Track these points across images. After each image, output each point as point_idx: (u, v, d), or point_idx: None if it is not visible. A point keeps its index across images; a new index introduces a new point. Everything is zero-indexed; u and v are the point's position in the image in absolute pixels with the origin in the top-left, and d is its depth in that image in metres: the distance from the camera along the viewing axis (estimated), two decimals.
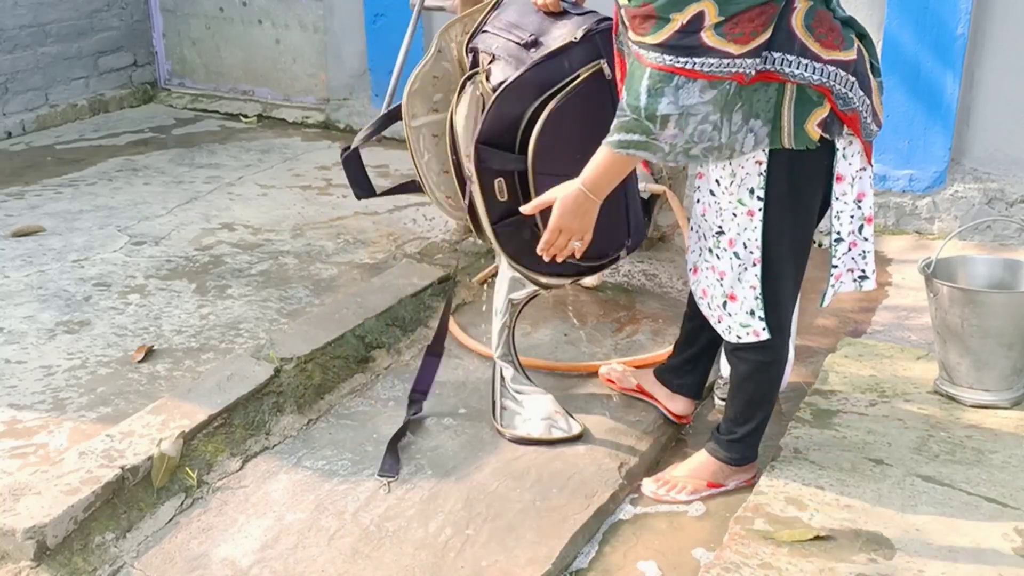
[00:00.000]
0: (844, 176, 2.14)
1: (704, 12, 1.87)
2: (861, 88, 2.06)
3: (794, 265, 2.23)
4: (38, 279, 3.47)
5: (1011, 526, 2.13)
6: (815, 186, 2.16)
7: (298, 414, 2.69)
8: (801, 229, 2.20)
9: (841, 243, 2.21)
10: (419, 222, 4.09)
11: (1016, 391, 2.61)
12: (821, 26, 2.00)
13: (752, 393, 2.35)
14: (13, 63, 5.34)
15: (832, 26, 2.02)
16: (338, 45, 5.37)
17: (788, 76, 1.98)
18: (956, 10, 3.76)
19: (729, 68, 1.91)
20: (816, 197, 2.18)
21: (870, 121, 2.11)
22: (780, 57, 1.97)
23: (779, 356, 2.33)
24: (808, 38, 1.98)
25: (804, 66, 1.98)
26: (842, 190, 2.16)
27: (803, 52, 1.98)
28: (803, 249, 2.24)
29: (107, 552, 2.18)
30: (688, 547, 2.27)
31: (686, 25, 1.88)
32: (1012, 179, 3.91)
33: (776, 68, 1.98)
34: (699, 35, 1.88)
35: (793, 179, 2.11)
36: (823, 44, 2.00)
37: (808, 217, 2.20)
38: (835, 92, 2.02)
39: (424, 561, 2.16)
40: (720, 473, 2.43)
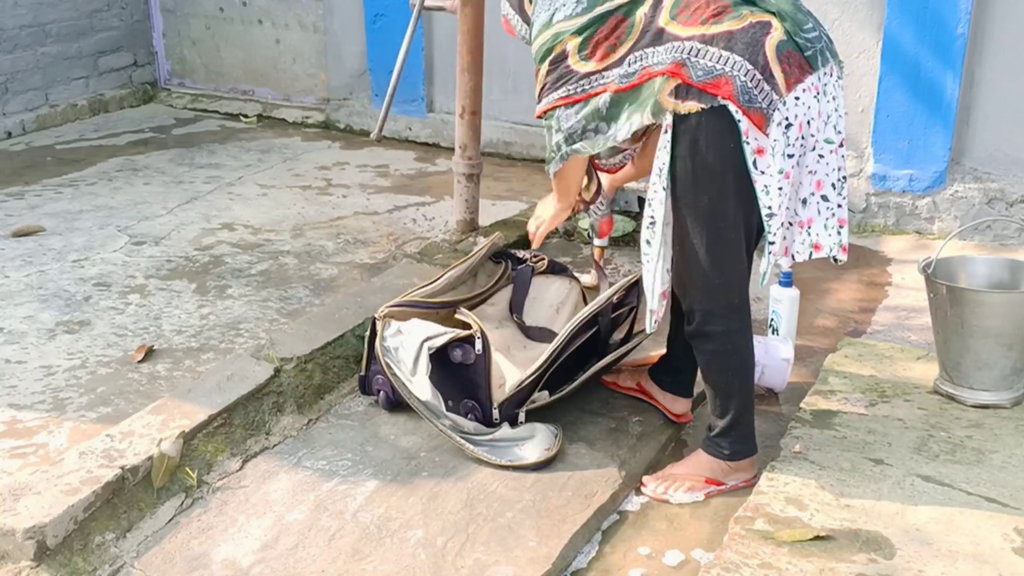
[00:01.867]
0: (765, 149, 2.13)
1: (566, 46, 2.25)
2: (742, 55, 2.09)
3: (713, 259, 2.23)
4: (38, 279, 3.47)
5: (1011, 526, 2.13)
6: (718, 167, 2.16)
7: (298, 414, 2.69)
8: (719, 216, 2.20)
9: (773, 218, 2.19)
10: (419, 222, 4.09)
11: (1016, 391, 2.61)
12: (687, 9, 2.16)
13: (717, 383, 2.38)
14: (13, 63, 5.34)
15: (707, 5, 2.15)
16: (338, 45, 5.37)
17: (654, 66, 2.16)
18: (956, 10, 3.76)
19: (597, 82, 2.23)
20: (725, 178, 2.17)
21: (752, 86, 2.09)
22: (649, 51, 2.17)
23: (734, 344, 2.33)
24: (671, 24, 2.16)
25: (664, 51, 2.14)
26: (765, 163, 2.15)
27: (664, 39, 2.16)
28: (720, 240, 2.22)
29: (107, 552, 2.18)
30: (688, 547, 2.27)
31: (553, 60, 2.26)
32: (1012, 179, 3.91)
33: (647, 63, 2.17)
34: (567, 64, 2.25)
35: (694, 165, 2.16)
36: (685, 24, 2.15)
37: (721, 202, 2.19)
38: (688, 64, 2.11)
39: (424, 561, 2.16)
40: (718, 470, 2.43)
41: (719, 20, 2.13)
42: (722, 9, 2.14)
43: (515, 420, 2.58)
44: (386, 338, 2.61)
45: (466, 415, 2.57)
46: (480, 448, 2.49)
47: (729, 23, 2.12)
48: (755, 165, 2.15)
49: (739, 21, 2.12)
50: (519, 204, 4.27)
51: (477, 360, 2.54)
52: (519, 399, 2.57)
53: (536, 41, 2.31)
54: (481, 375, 2.54)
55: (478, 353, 2.53)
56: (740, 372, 2.37)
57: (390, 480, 2.44)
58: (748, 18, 2.13)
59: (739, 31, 2.11)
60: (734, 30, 2.12)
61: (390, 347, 2.60)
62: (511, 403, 2.56)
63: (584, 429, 2.66)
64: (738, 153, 2.15)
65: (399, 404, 2.66)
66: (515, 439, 2.53)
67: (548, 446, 2.51)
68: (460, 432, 2.53)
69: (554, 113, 2.29)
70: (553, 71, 2.26)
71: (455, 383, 2.59)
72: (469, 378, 2.56)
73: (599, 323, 2.72)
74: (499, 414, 2.55)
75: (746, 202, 2.21)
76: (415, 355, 2.55)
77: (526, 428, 2.56)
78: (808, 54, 2.16)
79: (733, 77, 2.09)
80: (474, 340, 2.54)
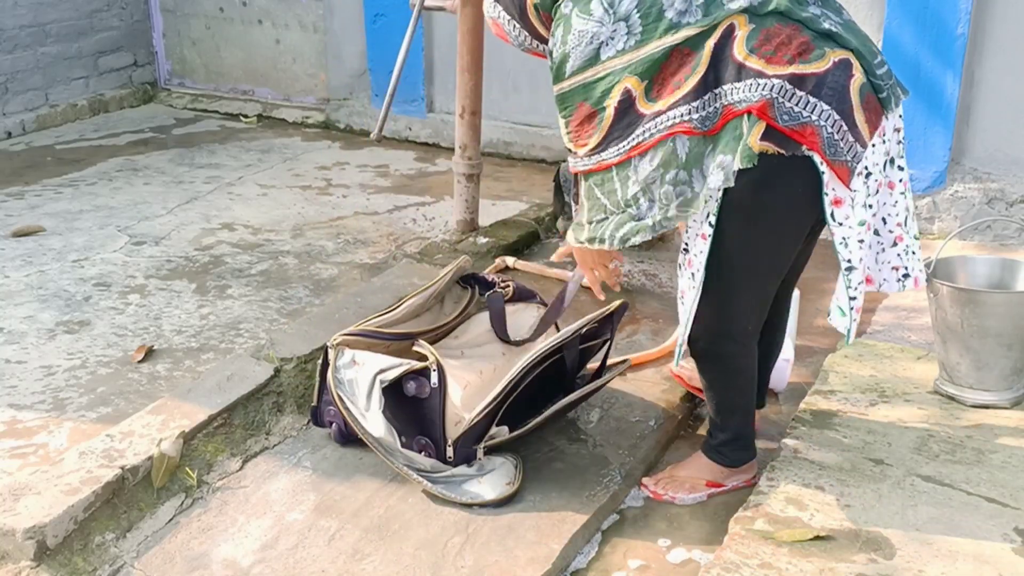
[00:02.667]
0: (843, 200, 2.04)
1: (628, 86, 2.03)
2: (829, 102, 1.97)
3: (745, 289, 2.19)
4: (38, 279, 3.47)
5: (1011, 526, 2.13)
6: (782, 211, 2.08)
7: (298, 414, 2.69)
8: (763, 254, 2.14)
9: (853, 271, 2.09)
10: (419, 222, 4.09)
11: (1016, 391, 2.61)
12: (768, 43, 1.98)
13: (720, 400, 2.36)
14: (13, 63, 5.34)
15: (787, 40, 1.99)
16: (338, 45, 5.37)
17: (736, 104, 1.98)
18: (956, 10, 3.77)
19: (664, 124, 2.02)
20: (784, 224, 2.11)
21: (839, 138, 1.98)
22: (728, 89, 1.99)
23: (738, 365, 2.31)
24: (749, 58, 1.98)
25: (748, 87, 1.97)
26: (844, 214, 2.05)
27: (745, 75, 1.97)
28: (762, 275, 2.19)
29: (107, 552, 2.18)
30: (688, 547, 2.27)
31: (619, 106, 2.04)
32: (1012, 179, 3.91)
33: (728, 100, 1.99)
34: (635, 107, 2.03)
35: (755, 204, 2.04)
36: (768, 60, 1.97)
37: (772, 244, 2.13)
38: (775, 105, 1.96)
39: (424, 561, 2.16)
40: (720, 473, 2.43)
41: (805, 59, 1.97)
42: (805, 47, 1.99)
43: (473, 458, 2.40)
44: (339, 368, 2.45)
45: (420, 452, 2.41)
46: (437, 486, 2.35)
47: (815, 63, 1.98)
48: (833, 217, 2.05)
49: (824, 62, 1.98)
50: (519, 204, 4.27)
51: (432, 394, 2.36)
52: (475, 435, 2.39)
53: (573, 79, 2.08)
54: (435, 411, 2.37)
55: (433, 387, 2.35)
56: (744, 390, 2.36)
57: (390, 480, 2.44)
58: (831, 57, 1.99)
59: (824, 73, 1.97)
60: (819, 72, 1.97)
61: (343, 379, 2.44)
62: (467, 439, 2.38)
63: (584, 429, 2.66)
64: (807, 200, 2.05)
65: (352, 438, 2.50)
66: (473, 475, 2.39)
67: (509, 480, 2.38)
68: (416, 469, 2.39)
69: (629, 163, 2.07)
70: (621, 118, 2.05)
71: (409, 418, 2.41)
72: (423, 414, 2.39)
73: (564, 354, 2.52)
74: (454, 452, 2.38)
75: (796, 246, 2.17)
76: (368, 388, 2.39)
77: (485, 461, 2.42)
78: (883, 96, 2.05)
79: (820, 127, 1.96)
80: (429, 373, 2.35)
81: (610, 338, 2.72)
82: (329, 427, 2.58)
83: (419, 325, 2.72)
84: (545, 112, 4.89)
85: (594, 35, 2.03)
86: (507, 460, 2.44)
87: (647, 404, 2.76)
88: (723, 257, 2.11)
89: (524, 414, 2.45)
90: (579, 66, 2.06)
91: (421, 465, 2.40)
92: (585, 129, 2.09)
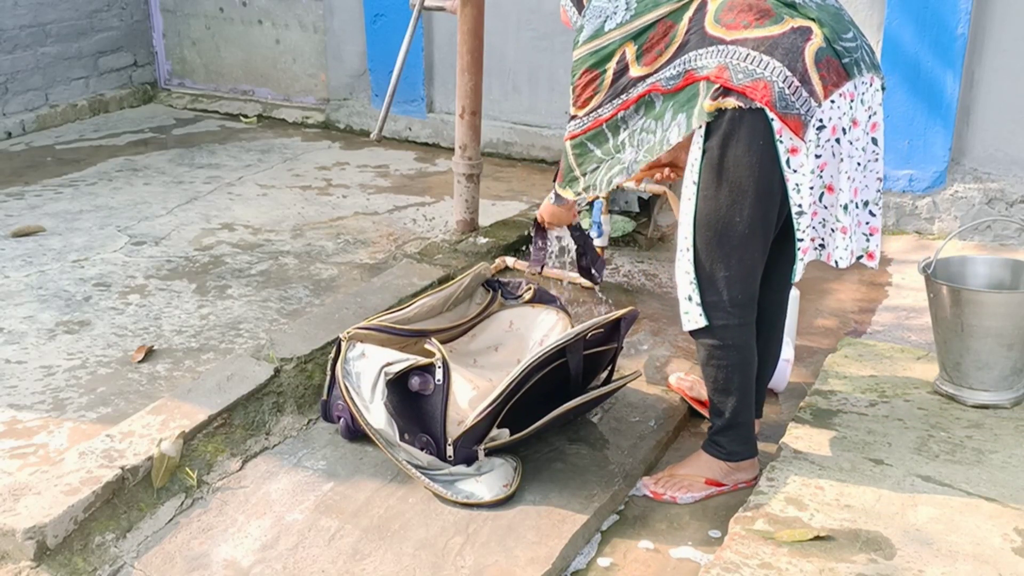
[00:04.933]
0: (799, 149, 2.17)
1: (625, 51, 2.30)
2: (782, 61, 2.13)
3: (727, 253, 2.25)
4: (38, 279, 3.47)
5: (1011, 526, 2.13)
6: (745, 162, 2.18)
7: (298, 414, 2.69)
8: (736, 209, 2.21)
9: (803, 215, 2.22)
10: (419, 222, 4.09)
11: (1016, 391, 2.61)
12: (731, 12, 2.20)
13: (715, 379, 2.37)
14: (13, 63, 5.35)
15: (749, 8, 2.18)
16: (338, 45, 5.37)
17: (698, 70, 2.20)
18: (956, 10, 3.77)
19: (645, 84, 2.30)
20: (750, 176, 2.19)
21: (789, 92, 2.13)
22: (692, 55, 2.22)
23: (734, 340, 2.32)
24: (715, 27, 2.20)
25: (709, 54, 2.19)
26: (799, 162, 2.18)
27: (708, 42, 2.20)
28: (743, 231, 2.23)
29: (107, 552, 2.18)
30: (688, 547, 2.27)
31: (616, 69, 2.32)
32: (1012, 179, 3.92)
33: (691, 66, 2.22)
34: (627, 72, 2.31)
35: (722, 158, 2.19)
36: (729, 28, 2.18)
37: (741, 197, 2.21)
38: (730, 68, 2.15)
39: (424, 561, 2.16)
40: (718, 471, 2.43)
41: (761, 24, 2.16)
42: (764, 13, 2.17)
43: (473, 459, 2.41)
44: (349, 360, 2.49)
45: (421, 449, 2.42)
46: (436, 483, 2.36)
47: (771, 27, 2.16)
48: (788, 164, 2.19)
49: (781, 26, 2.16)
50: (519, 204, 4.27)
51: (435, 391, 2.37)
52: (476, 436, 2.39)
53: (584, 47, 2.35)
54: (438, 407, 2.38)
55: (437, 383, 2.37)
56: (739, 369, 2.36)
57: (390, 480, 2.44)
58: (789, 23, 2.16)
59: (780, 36, 2.15)
60: (775, 34, 2.15)
61: (351, 371, 2.48)
62: (467, 439, 2.38)
63: (584, 429, 2.66)
64: (767, 151, 2.17)
65: (360, 434, 2.52)
66: (471, 474, 2.39)
67: (506, 482, 2.38)
68: (415, 465, 2.40)
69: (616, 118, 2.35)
70: (616, 80, 2.32)
71: (411, 414, 2.43)
72: (425, 410, 2.40)
73: (567, 358, 2.51)
74: (453, 452, 2.39)
75: (766, 202, 2.22)
76: (373, 380, 2.43)
77: (484, 462, 2.42)
78: (845, 61, 2.18)
79: (772, 82, 2.13)
80: (434, 369, 2.37)
81: (618, 346, 2.71)
82: (337, 422, 2.59)
83: (436, 323, 2.74)
84: (545, 112, 4.89)
85: (602, 10, 2.33)
86: (506, 461, 2.44)
87: (647, 404, 2.76)
88: (703, 221, 2.26)
89: (527, 419, 2.43)
90: (589, 35, 2.34)
91: (420, 461, 2.41)
92: (587, 91, 2.36)
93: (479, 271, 2.87)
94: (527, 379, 2.40)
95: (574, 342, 2.50)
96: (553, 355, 2.45)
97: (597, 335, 2.60)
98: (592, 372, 2.67)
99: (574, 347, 2.51)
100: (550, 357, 2.44)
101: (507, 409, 2.41)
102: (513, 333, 2.81)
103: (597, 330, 2.58)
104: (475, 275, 2.85)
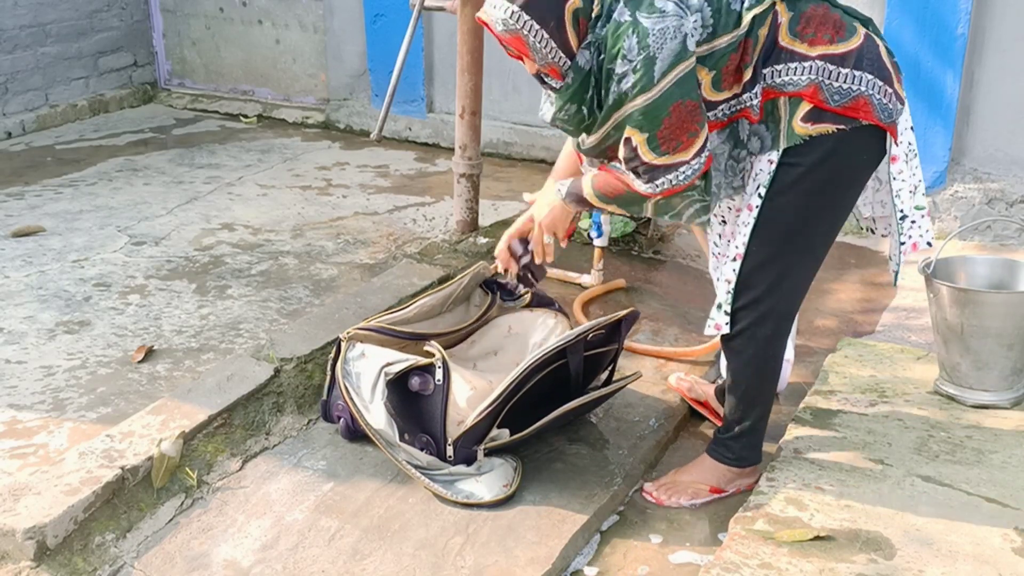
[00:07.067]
0: (898, 156, 2.18)
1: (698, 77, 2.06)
2: (871, 72, 2.08)
3: (797, 267, 2.22)
4: (38, 279, 3.47)
5: (1011, 526, 2.13)
6: (846, 183, 2.17)
7: (298, 414, 2.69)
8: (818, 224, 2.19)
9: (905, 220, 2.24)
10: (419, 222, 4.09)
11: (1016, 391, 2.61)
12: (809, 26, 2.09)
13: (747, 388, 2.34)
14: (13, 63, 5.34)
15: (825, 20, 2.10)
16: (338, 45, 5.37)
17: (780, 87, 2.09)
18: (956, 10, 3.77)
19: (736, 107, 2.12)
20: (845, 196, 2.19)
21: (887, 102, 2.10)
22: (770, 71, 2.10)
23: (772, 351, 2.31)
24: (794, 43, 2.09)
25: (792, 70, 2.08)
26: (898, 168, 2.19)
27: (790, 58, 2.09)
28: (812, 251, 2.23)
29: (107, 552, 2.18)
30: (688, 547, 2.27)
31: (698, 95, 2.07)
32: (1012, 179, 3.91)
33: (770, 82, 2.10)
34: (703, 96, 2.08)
35: (815, 179, 2.13)
36: (810, 43, 2.08)
37: (827, 219, 2.19)
38: (823, 88, 2.07)
39: (424, 561, 2.16)
40: (723, 478, 2.42)
41: (843, 37, 2.09)
42: (839, 25, 2.10)
43: (473, 459, 2.41)
44: (348, 360, 2.50)
45: (421, 449, 2.42)
46: (436, 483, 2.36)
47: (851, 39, 2.09)
48: (890, 174, 2.20)
49: (857, 36, 2.10)
50: (519, 204, 4.27)
51: (435, 391, 2.37)
52: (475, 436, 2.39)
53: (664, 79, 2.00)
54: (438, 407, 2.38)
55: (437, 383, 2.37)
56: (771, 379, 2.35)
57: (390, 480, 2.44)
58: (861, 31, 2.12)
59: (861, 46, 2.09)
60: (856, 45, 2.09)
61: (351, 371, 2.49)
62: (467, 439, 2.38)
63: (584, 429, 2.66)
64: (869, 168, 2.19)
65: (359, 434, 2.52)
66: (471, 474, 2.40)
67: (506, 482, 2.38)
68: (415, 465, 2.40)
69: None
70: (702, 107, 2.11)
71: (411, 414, 2.43)
72: (425, 409, 2.41)
73: (567, 359, 2.51)
74: (453, 452, 2.39)
75: (845, 216, 2.24)
76: (373, 380, 2.43)
77: (484, 462, 2.42)
78: (895, 59, 2.18)
79: (870, 96, 2.08)
80: (434, 369, 2.38)
81: (619, 347, 2.71)
82: (337, 422, 2.59)
83: (435, 327, 2.73)
84: None
85: (676, 28, 1.99)
86: (506, 461, 2.44)
87: (647, 404, 2.76)
88: (778, 233, 2.17)
89: (527, 419, 2.43)
90: (670, 63, 2.00)
91: (419, 461, 2.40)
92: (688, 127, 2.04)
93: (478, 270, 2.87)
94: (527, 380, 2.40)
95: (575, 343, 2.49)
96: (554, 356, 2.44)
97: (598, 336, 2.59)
98: (592, 372, 2.67)
99: (575, 348, 2.50)
100: (551, 358, 2.44)
101: (507, 409, 2.40)
102: (512, 338, 2.81)
103: (598, 331, 2.58)
104: (474, 275, 2.85)
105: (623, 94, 2.04)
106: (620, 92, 2.04)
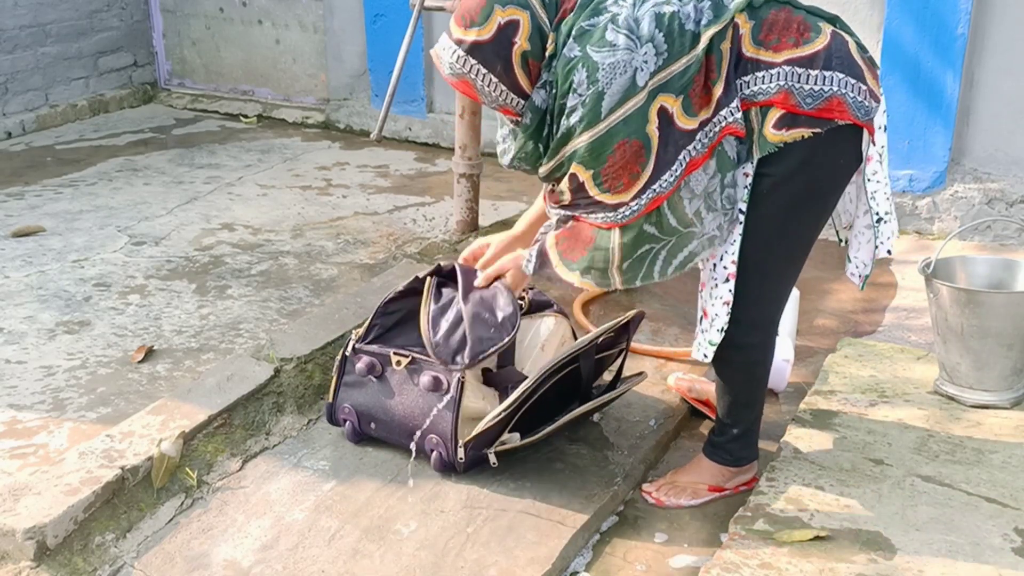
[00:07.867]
0: (872, 156, 2.11)
1: (664, 106, 1.99)
2: (842, 70, 2.02)
3: (779, 274, 2.22)
4: (38, 279, 3.47)
5: (1011, 526, 2.13)
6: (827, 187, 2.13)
7: (298, 414, 2.69)
8: (800, 231, 2.18)
9: (882, 223, 2.18)
10: (419, 222, 4.09)
11: (1016, 391, 2.61)
12: (772, 32, 2.04)
13: (737, 395, 2.34)
14: (13, 63, 5.35)
15: (788, 24, 2.04)
16: (338, 45, 5.37)
17: (751, 97, 2.04)
18: (956, 10, 3.77)
19: (713, 130, 2.03)
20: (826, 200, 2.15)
21: (861, 99, 2.05)
22: (739, 83, 2.04)
23: (761, 357, 2.31)
24: (759, 51, 2.03)
25: (761, 79, 2.03)
26: (872, 169, 2.13)
27: (757, 67, 2.03)
28: (793, 258, 2.22)
29: (107, 552, 2.18)
30: (688, 547, 2.27)
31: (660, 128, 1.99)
32: (1012, 179, 3.92)
33: (743, 93, 2.04)
34: (675, 125, 2.00)
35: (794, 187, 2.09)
36: (775, 49, 2.03)
37: (808, 224, 2.17)
38: (794, 92, 2.02)
39: (424, 561, 2.16)
40: (721, 476, 2.42)
41: (808, 38, 2.03)
42: (804, 26, 2.04)
43: (483, 462, 2.41)
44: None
45: (431, 452, 2.43)
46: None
47: (817, 40, 2.04)
48: (865, 174, 2.14)
49: (823, 36, 2.04)
50: (519, 204, 4.27)
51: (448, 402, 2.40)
52: (487, 439, 2.39)
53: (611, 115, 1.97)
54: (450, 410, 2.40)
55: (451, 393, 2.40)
56: (762, 383, 2.35)
57: (390, 480, 2.44)
58: (826, 30, 2.06)
59: (828, 46, 2.04)
60: (823, 45, 2.03)
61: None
62: (478, 443, 2.38)
63: (584, 429, 2.66)
64: (848, 169, 2.13)
65: (365, 436, 2.55)
66: None
67: None
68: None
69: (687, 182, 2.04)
70: (665, 140, 2.00)
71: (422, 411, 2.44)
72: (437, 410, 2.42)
73: (579, 363, 2.51)
74: (464, 454, 2.39)
75: (825, 219, 2.20)
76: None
77: None
78: (867, 55, 2.12)
79: (843, 95, 2.02)
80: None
81: (626, 347, 2.71)
82: (343, 425, 2.59)
83: None
84: None
85: (626, 63, 1.96)
86: None
87: (647, 404, 2.76)
88: (758, 243, 2.14)
89: (537, 421, 2.45)
90: (618, 99, 1.97)
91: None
92: (630, 168, 2.00)
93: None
94: (541, 385, 2.41)
95: (587, 349, 2.51)
96: (567, 362, 2.46)
97: (608, 339, 2.61)
98: (597, 373, 2.68)
99: (587, 353, 2.53)
100: (564, 364, 2.45)
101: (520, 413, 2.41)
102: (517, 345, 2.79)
103: (608, 335, 2.59)
104: None
105: (571, 128, 2.02)
106: (568, 126, 2.02)
